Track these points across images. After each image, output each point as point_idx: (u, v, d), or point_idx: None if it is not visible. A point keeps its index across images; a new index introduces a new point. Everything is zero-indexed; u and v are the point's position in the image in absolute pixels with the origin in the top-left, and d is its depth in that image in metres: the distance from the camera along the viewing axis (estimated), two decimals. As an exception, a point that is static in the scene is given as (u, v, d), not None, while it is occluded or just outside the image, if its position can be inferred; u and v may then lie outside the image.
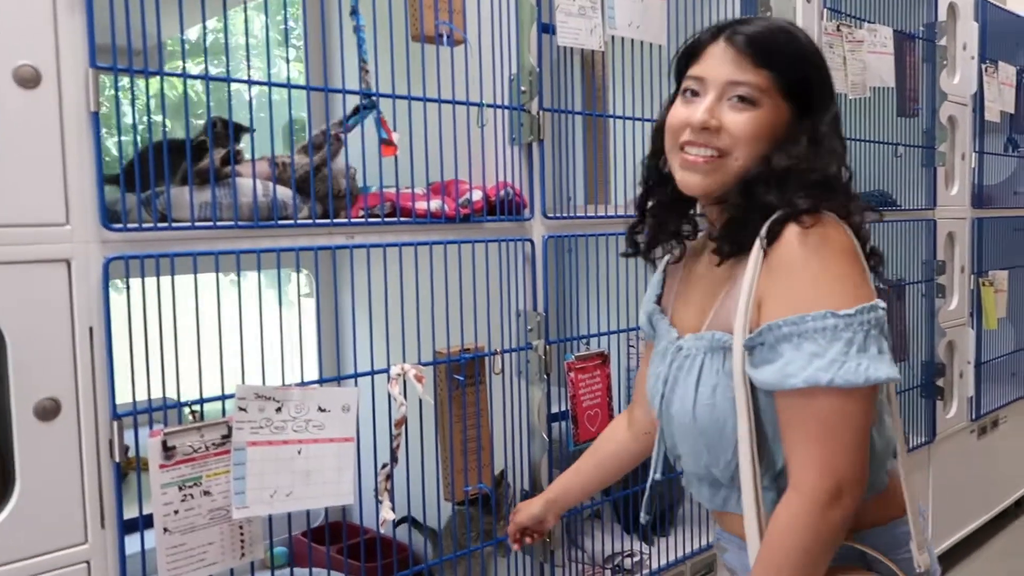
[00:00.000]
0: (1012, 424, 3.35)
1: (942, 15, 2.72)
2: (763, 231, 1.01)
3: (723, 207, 1.09)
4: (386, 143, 1.40)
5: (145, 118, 1.21)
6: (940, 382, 2.83)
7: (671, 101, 1.14)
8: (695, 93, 1.08)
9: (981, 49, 2.92)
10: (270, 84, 1.35)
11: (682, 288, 1.20)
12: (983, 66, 2.93)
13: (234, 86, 1.31)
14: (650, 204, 1.20)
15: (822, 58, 1.10)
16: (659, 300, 1.24)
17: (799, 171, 1.03)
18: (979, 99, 2.95)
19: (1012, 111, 3.14)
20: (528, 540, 1.43)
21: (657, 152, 1.17)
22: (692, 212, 1.20)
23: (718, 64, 1.06)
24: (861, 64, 2.35)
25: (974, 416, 3.05)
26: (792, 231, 1.00)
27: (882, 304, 1.00)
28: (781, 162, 1.04)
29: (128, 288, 1.18)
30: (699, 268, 1.17)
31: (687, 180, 1.08)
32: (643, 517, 1.23)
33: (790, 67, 1.06)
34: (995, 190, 3.17)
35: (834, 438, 0.96)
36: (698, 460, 1.10)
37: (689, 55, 1.11)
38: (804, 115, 1.07)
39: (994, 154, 3.14)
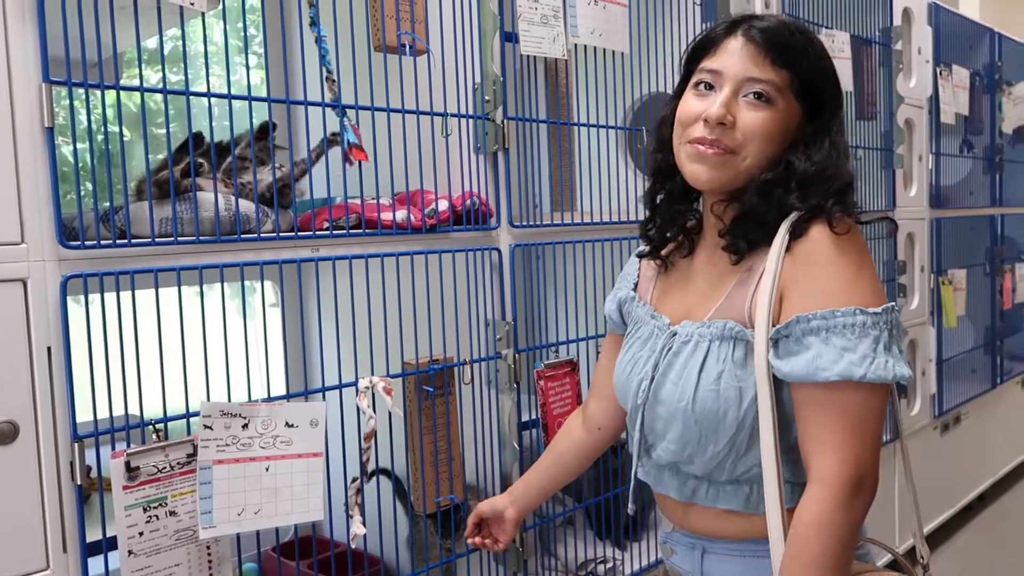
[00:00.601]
0: (974, 420, 3.42)
1: (897, 20, 2.77)
2: (786, 226, 1.03)
3: (731, 204, 1.09)
4: (357, 148, 1.39)
5: (103, 129, 1.19)
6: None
7: (678, 94, 1.13)
8: (709, 86, 1.07)
9: (935, 53, 2.98)
10: (230, 97, 1.33)
11: (669, 279, 1.20)
12: (938, 69, 3.00)
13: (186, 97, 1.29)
14: (659, 199, 1.20)
15: (832, 61, 1.11)
16: (635, 289, 1.24)
17: (825, 177, 1.05)
18: (935, 102, 3.01)
19: (966, 113, 3.21)
20: (485, 541, 1.40)
21: (663, 145, 1.16)
22: (696, 206, 1.20)
23: (736, 59, 1.05)
24: (820, 69, 2.38)
25: (937, 413, 3.10)
26: (820, 230, 1.02)
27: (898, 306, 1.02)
28: (806, 167, 1.05)
29: (87, 303, 1.15)
30: (697, 261, 1.17)
31: (696, 172, 1.07)
32: (630, 507, 1.22)
33: (807, 68, 1.06)
34: (951, 191, 3.24)
35: (860, 431, 0.98)
36: (683, 448, 1.09)
37: (702, 48, 1.10)
38: (813, 117, 1.08)
39: (950, 155, 3.20)
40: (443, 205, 1.59)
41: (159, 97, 1.28)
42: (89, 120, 1.18)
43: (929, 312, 3.06)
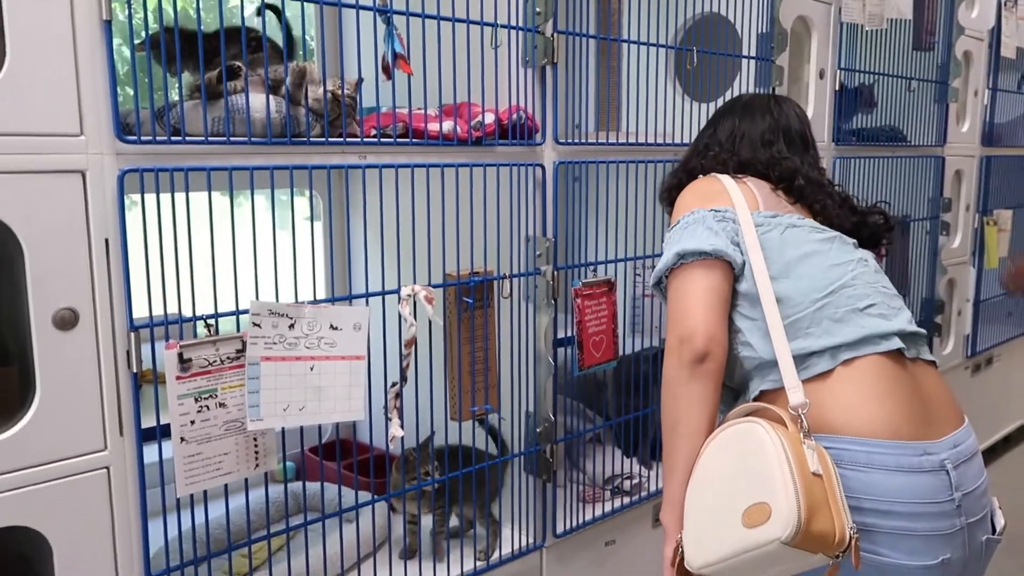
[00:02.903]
0: (1005, 362, 3.41)
1: (964, -55, 2.65)
2: None
3: None
4: (403, 59, 1.38)
5: (152, 27, 1.20)
6: (938, 319, 2.86)
7: None
8: None
9: (1002, -18, 2.86)
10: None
11: None
12: (1002, 0, 2.88)
13: (235, 1, 1.29)
14: None
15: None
16: None
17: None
18: (996, 34, 2.90)
19: (1029, 48, 3.09)
20: None
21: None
22: None
23: None
24: (880, -6, 2.30)
25: (970, 353, 3.09)
26: None
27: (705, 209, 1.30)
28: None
29: (143, 198, 1.18)
30: None
31: None
32: None
33: None
34: (1005, 128, 3.15)
35: (673, 307, 1.26)
36: None
37: None
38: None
39: (1007, 91, 3.10)
40: (489, 118, 1.59)
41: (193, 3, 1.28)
42: (146, 15, 1.19)
43: (971, 252, 3.02)
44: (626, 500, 1.96)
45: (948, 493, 1.15)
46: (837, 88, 2.34)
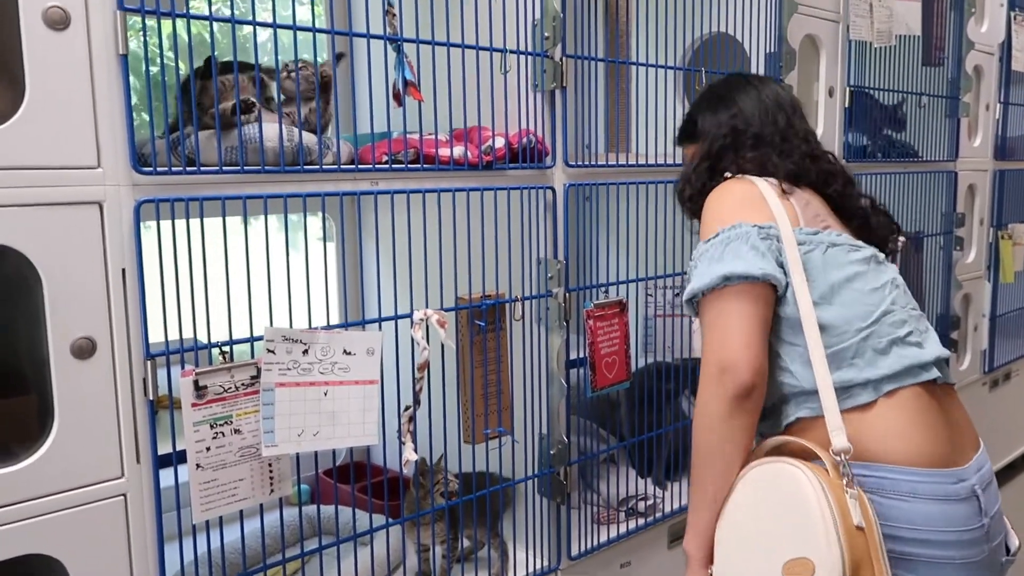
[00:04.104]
0: (1024, 377, 3.37)
1: (972, -39, 2.66)
2: None
3: None
4: (413, 86, 1.40)
5: (166, 60, 1.22)
6: (954, 334, 2.84)
7: None
8: None
9: (1010, -4, 2.86)
10: (295, 28, 1.35)
11: None
12: (1012, 14, 2.88)
13: (248, 29, 1.31)
14: None
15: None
16: None
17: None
18: (1006, 48, 2.90)
19: (1039, 61, 3.08)
20: None
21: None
22: None
23: None
24: (888, 11, 2.31)
25: (987, 369, 3.07)
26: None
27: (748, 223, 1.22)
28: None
29: (159, 228, 1.20)
30: None
31: None
32: None
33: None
34: (1018, 142, 3.13)
35: (711, 330, 1.18)
36: None
37: None
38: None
39: (1019, 105, 3.09)
40: (499, 142, 1.60)
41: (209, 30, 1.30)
42: (161, 48, 1.21)
43: (986, 266, 3.00)
44: (641, 521, 1.95)
45: (979, 519, 1.13)
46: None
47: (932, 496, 1.11)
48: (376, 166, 1.44)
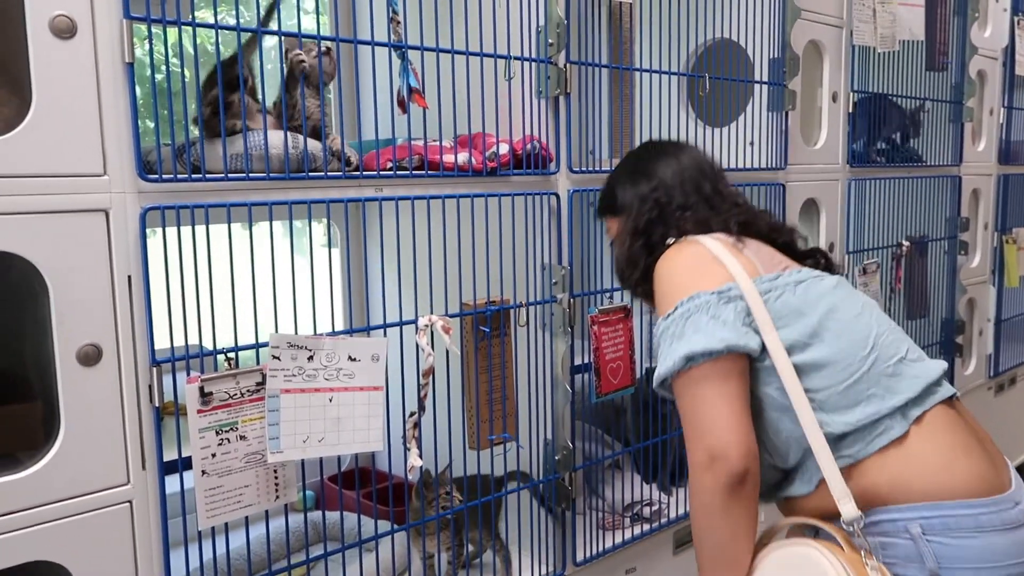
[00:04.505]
0: (1030, 382, 3.36)
1: (975, -34, 2.66)
2: None
3: None
4: (418, 93, 1.41)
5: (172, 68, 1.22)
6: (959, 339, 2.84)
7: None
8: None
9: (1014, 1, 2.86)
10: (300, 36, 1.35)
11: None
12: (1015, 19, 2.88)
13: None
14: None
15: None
16: None
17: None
18: (1010, 53, 2.90)
19: (1043, 65, 3.08)
20: None
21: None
22: None
23: None
24: (891, 16, 2.31)
25: (992, 373, 3.06)
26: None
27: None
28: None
29: (165, 235, 1.20)
30: None
31: None
32: None
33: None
34: (1022, 146, 3.13)
35: (691, 416, 1.12)
36: None
37: None
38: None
39: (1022, 109, 3.09)
40: (504, 149, 1.60)
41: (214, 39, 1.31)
42: (167, 56, 1.22)
43: (990, 271, 3.00)
44: (646, 527, 1.95)
45: None
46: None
47: (999, 527, 1.05)
48: (381, 173, 1.45)
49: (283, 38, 1.35)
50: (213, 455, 1.25)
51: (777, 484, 1.21)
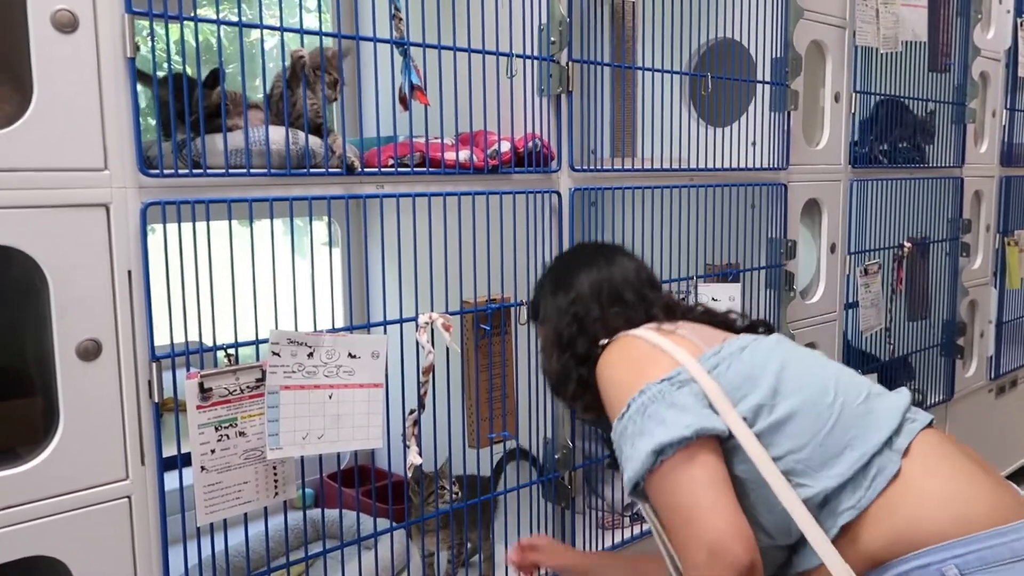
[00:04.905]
0: (1031, 384, 3.36)
1: (978, -33, 2.66)
2: None
3: None
4: (420, 90, 1.40)
5: (174, 64, 1.22)
6: (960, 341, 2.83)
7: None
8: None
9: (1017, 2, 2.86)
10: (301, 32, 1.35)
11: None
12: (1018, 20, 2.87)
13: (255, 34, 1.31)
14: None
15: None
16: None
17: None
18: (1013, 54, 2.89)
19: (1046, 67, 3.08)
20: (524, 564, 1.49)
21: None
22: None
23: None
24: (894, 17, 2.31)
25: (993, 375, 3.05)
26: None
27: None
28: None
29: (165, 230, 1.20)
30: None
31: None
32: None
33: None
34: (1024, 149, 3.13)
35: (673, 518, 1.02)
36: None
37: None
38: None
39: (1025, 111, 3.09)
40: (505, 146, 1.60)
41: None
42: (169, 52, 1.22)
43: (992, 273, 2.99)
44: (646, 526, 1.94)
45: None
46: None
47: None
48: (382, 170, 1.44)
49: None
50: (212, 451, 1.25)
51: (784, 563, 1.12)
